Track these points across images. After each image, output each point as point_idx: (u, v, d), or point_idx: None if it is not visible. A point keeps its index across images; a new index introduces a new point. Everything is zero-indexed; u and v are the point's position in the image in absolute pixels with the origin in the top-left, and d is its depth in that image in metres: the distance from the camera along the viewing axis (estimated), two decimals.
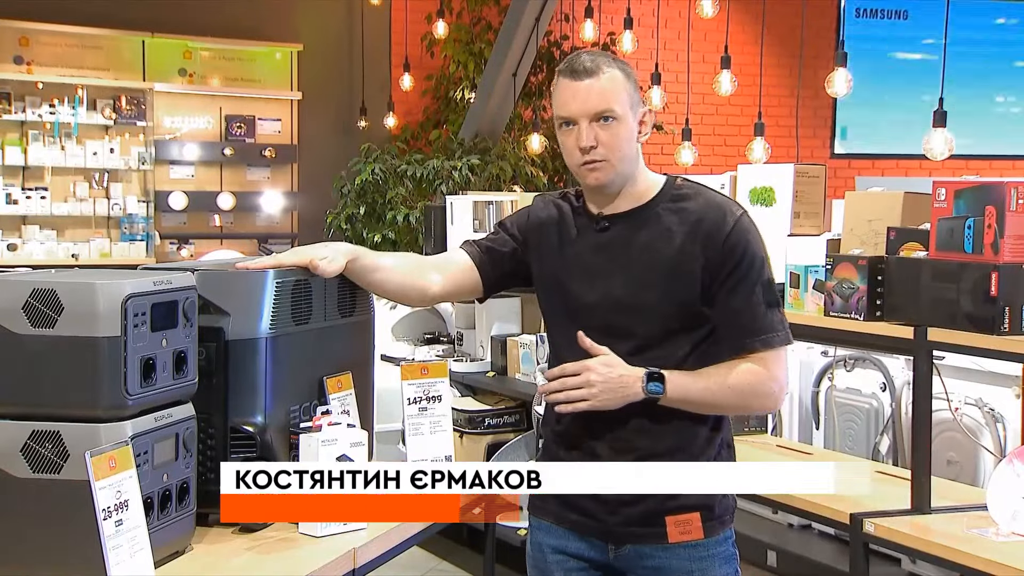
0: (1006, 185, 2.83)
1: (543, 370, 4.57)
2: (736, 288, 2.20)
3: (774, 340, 2.22)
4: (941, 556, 2.81)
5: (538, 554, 2.39)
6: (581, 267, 2.29)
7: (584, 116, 2.20)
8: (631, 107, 2.22)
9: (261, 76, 9.51)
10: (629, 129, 2.22)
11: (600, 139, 2.20)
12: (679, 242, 2.22)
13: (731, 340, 2.22)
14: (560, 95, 2.24)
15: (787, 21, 9.48)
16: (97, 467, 1.79)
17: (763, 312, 2.21)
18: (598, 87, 2.19)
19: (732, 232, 2.21)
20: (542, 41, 8.81)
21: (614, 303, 2.24)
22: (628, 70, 2.24)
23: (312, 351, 2.42)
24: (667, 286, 2.21)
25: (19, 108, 8.51)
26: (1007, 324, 2.81)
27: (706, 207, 2.24)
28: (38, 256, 8.46)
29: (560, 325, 2.33)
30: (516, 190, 8.12)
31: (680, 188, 2.29)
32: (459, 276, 2.43)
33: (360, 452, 2.25)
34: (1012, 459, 2.90)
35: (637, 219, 2.27)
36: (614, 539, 2.29)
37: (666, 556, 2.26)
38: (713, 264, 2.20)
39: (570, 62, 2.23)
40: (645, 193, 2.28)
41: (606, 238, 2.28)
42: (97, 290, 1.94)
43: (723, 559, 2.29)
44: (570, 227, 2.34)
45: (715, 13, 6.95)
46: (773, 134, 7.57)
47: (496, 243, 2.44)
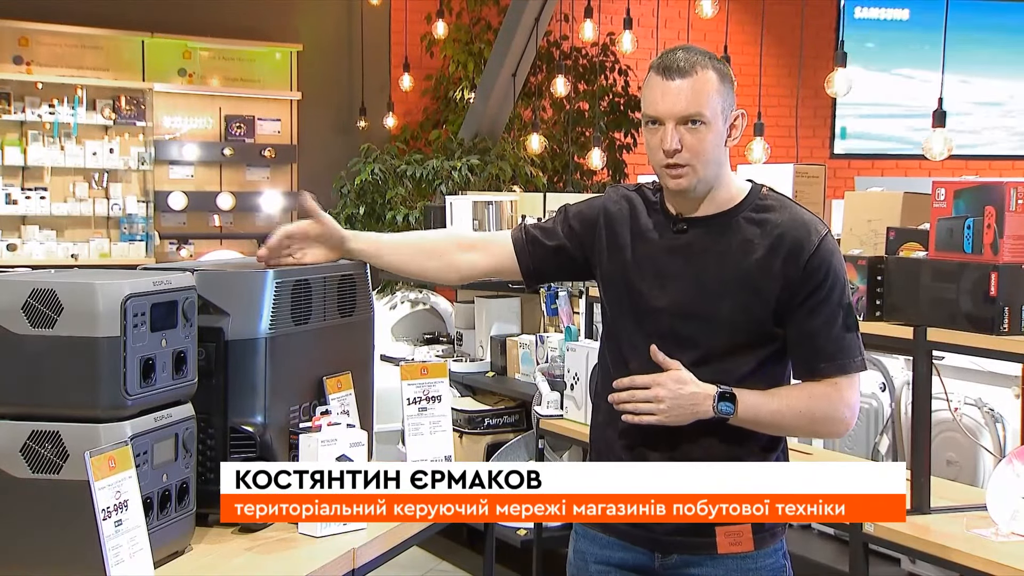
0: (1006, 185, 2.83)
1: (544, 370, 4.58)
2: (816, 309, 2.14)
3: (850, 366, 2.16)
4: (941, 556, 2.81)
5: (580, 563, 2.34)
6: (653, 268, 2.21)
7: (671, 118, 2.11)
8: (722, 111, 2.14)
9: (261, 76, 9.50)
10: (717, 134, 2.14)
11: (686, 143, 2.12)
12: (759, 255, 2.15)
13: (805, 362, 2.17)
14: (649, 92, 2.15)
15: (787, 21, 9.48)
16: (97, 467, 1.79)
17: (842, 336, 2.15)
18: (689, 88, 2.10)
19: (816, 252, 2.14)
20: (542, 41, 8.80)
21: (683, 309, 2.17)
22: (724, 70, 2.16)
23: (312, 351, 2.42)
24: (740, 298, 2.14)
25: (18, 108, 8.50)
26: (1006, 324, 2.81)
27: (791, 222, 2.17)
28: (38, 256, 8.45)
29: (624, 325, 2.26)
30: (516, 190, 8.12)
31: (765, 198, 2.21)
32: (497, 260, 2.39)
33: (360, 452, 2.25)
34: (1012, 459, 2.90)
35: (717, 226, 2.19)
36: (661, 548, 2.23)
37: (714, 566, 2.21)
38: (793, 283, 2.14)
39: (664, 58, 2.15)
40: (728, 200, 2.20)
41: (682, 241, 2.21)
42: (97, 290, 1.94)
43: (772, 571, 2.23)
44: (644, 224, 2.25)
45: (715, 13, 6.95)
46: (773, 134, 7.57)
47: (545, 235, 2.36)
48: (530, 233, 2.37)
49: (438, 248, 2.45)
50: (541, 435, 4.37)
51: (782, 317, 2.16)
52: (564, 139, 9.29)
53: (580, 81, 9.51)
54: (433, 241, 2.51)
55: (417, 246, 2.48)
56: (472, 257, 2.41)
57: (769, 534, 2.23)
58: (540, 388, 4.45)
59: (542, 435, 4.36)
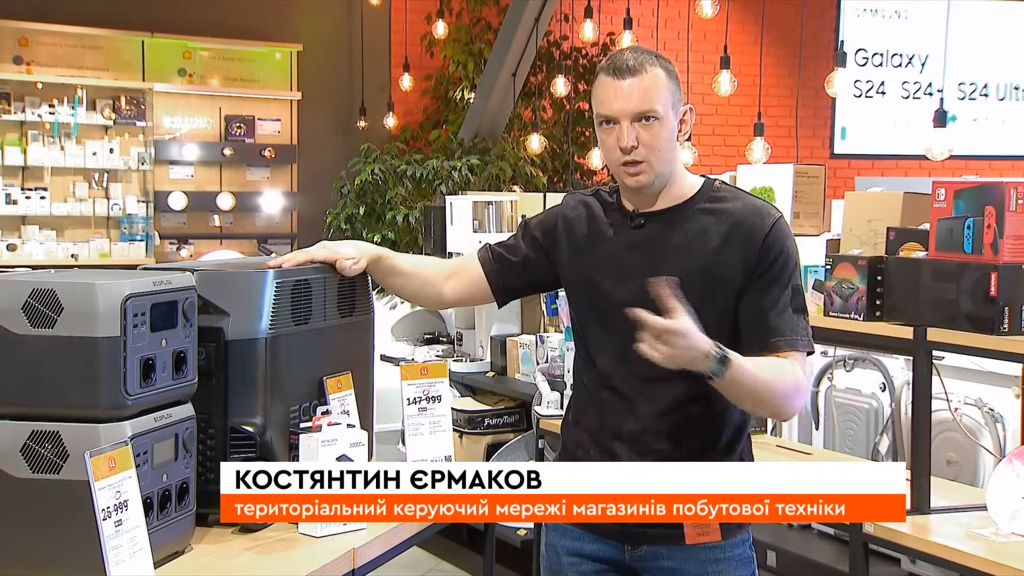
0: (1006, 185, 2.83)
1: (543, 370, 4.58)
2: (767, 288, 2.18)
3: (800, 343, 2.19)
4: (940, 556, 2.81)
5: (552, 556, 2.38)
6: (614, 265, 2.26)
7: (625, 116, 2.17)
8: (672, 106, 2.20)
9: (261, 76, 9.50)
10: (670, 129, 2.20)
11: (641, 139, 2.17)
12: (716, 243, 2.20)
13: (756, 337, 2.19)
14: (601, 93, 2.20)
15: (787, 21, 9.48)
16: (97, 467, 1.79)
17: (789, 314, 2.19)
18: (640, 87, 2.16)
19: (770, 233, 2.19)
20: (542, 41, 8.80)
21: (646, 303, 2.15)
22: (671, 68, 2.22)
23: (312, 351, 2.42)
24: (702, 287, 2.17)
25: (18, 108, 8.51)
26: (1006, 324, 2.81)
27: (744, 210, 2.22)
28: (38, 256, 8.45)
29: (591, 324, 2.31)
30: (516, 190, 8.12)
31: (718, 191, 2.27)
32: (470, 285, 2.47)
33: (360, 452, 2.25)
34: (1012, 459, 2.90)
35: (673, 218, 2.24)
36: (631, 540, 2.27)
37: (682, 557, 2.24)
38: (749, 265, 2.18)
39: (612, 60, 2.20)
40: (683, 194, 2.26)
41: (640, 236, 2.26)
42: (97, 290, 1.94)
43: (740, 562, 2.27)
44: (602, 225, 2.31)
45: (715, 13, 6.95)
46: (773, 134, 7.56)
47: (510, 251, 2.43)
48: (495, 252, 2.45)
49: (433, 277, 2.53)
50: (541, 435, 4.37)
51: (739, 299, 2.20)
52: (564, 139, 9.29)
53: (580, 81, 9.51)
54: (428, 269, 2.57)
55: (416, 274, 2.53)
56: (452, 284, 2.50)
57: (736, 525, 2.25)
58: (540, 388, 4.46)
59: (542, 435, 4.36)
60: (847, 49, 6.24)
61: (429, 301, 2.58)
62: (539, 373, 4.57)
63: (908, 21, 11.44)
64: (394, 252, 2.56)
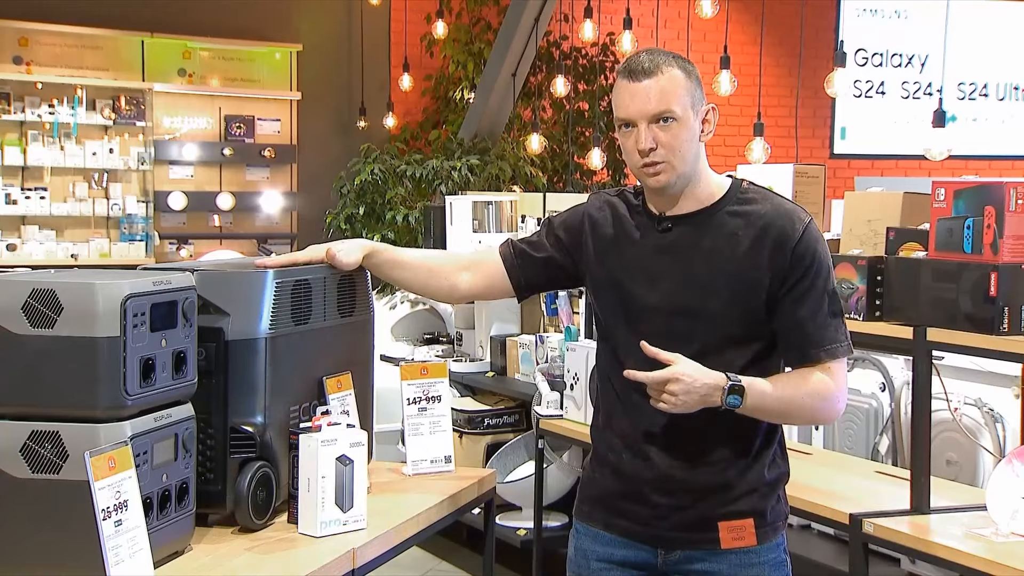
0: (1005, 185, 2.83)
1: (543, 370, 4.58)
2: (803, 297, 2.17)
3: (838, 351, 2.19)
4: (940, 556, 2.80)
5: (581, 560, 2.36)
6: (642, 269, 2.24)
7: (643, 118, 2.15)
8: (692, 106, 2.18)
9: (260, 76, 9.50)
10: (690, 129, 2.17)
11: (660, 140, 2.15)
12: (745, 247, 2.18)
13: (795, 350, 2.19)
14: (619, 96, 2.19)
15: (787, 21, 9.48)
16: (96, 467, 1.79)
17: (828, 322, 2.18)
18: (657, 88, 2.15)
19: (802, 239, 2.17)
20: (541, 41, 8.81)
21: (675, 307, 2.20)
22: (690, 68, 2.20)
23: (312, 351, 2.42)
24: (731, 292, 2.17)
25: (18, 108, 8.51)
26: (1006, 324, 2.81)
27: (774, 212, 2.20)
28: (37, 256, 8.45)
29: (618, 327, 2.28)
30: (515, 190, 8.13)
31: (746, 192, 2.25)
32: (489, 278, 2.44)
33: (360, 452, 2.25)
34: (1011, 459, 2.90)
35: (701, 222, 2.22)
36: (664, 544, 2.26)
37: (717, 561, 2.23)
38: (781, 271, 2.17)
39: (628, 62, 2.19)
40: (710, 196, 2.24)
41: (668, 240, 2.24)
42: (96, 290, 1.94)
43: (774, 566, 2.26)
44: (628, 226, 2.29)
45: (715, 13, 6.95)
46: (772, 134, 7.56)
47: (533, 248, 2.40)
48: (518, 248, 2.42)
49: (443, 268, 2.50)
50: (541, 435, 4.37)
51: (772, 306, 2.19)
52: (564, 139, 9.29)
53: (580, 81, 9.52)
54: (436, 261, 2.55)
55: (422, 265, 2.52)
56: (467, 277, 2.46)
57: (771, 529, 2.25)
58: (540, 388, 4.45)
59: (542, 435, 4.36)
60: (847, 49, 6.23)
61: (440, 292, 2.53)
62: (539, 373, 4.57)
63: (908, 21, 11.43)
64: (394, 247, 2.56)
